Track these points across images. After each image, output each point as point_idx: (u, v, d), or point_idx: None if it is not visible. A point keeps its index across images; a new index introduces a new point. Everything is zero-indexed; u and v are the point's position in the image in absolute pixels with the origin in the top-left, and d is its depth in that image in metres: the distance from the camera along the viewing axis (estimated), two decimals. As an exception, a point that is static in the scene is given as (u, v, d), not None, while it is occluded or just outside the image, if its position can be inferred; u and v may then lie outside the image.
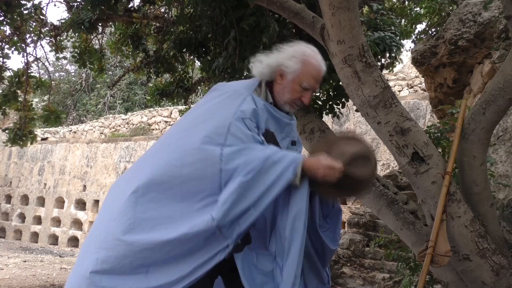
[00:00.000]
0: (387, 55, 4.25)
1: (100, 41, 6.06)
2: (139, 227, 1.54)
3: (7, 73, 6.16)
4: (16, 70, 6.18)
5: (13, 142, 6.19)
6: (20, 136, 6.14)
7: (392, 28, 4.37)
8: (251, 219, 1.57)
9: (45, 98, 15.17)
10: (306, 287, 1.81)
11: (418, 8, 6.14)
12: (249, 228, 1.60)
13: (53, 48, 5.98)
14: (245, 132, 1.63)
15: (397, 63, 5.10)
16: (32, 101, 6.51)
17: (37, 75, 6.57)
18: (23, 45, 5.95)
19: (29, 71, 6.24)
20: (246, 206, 1.56)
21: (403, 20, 5.83)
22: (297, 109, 1.86)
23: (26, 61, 6.15)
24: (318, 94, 4.67)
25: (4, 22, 5.21)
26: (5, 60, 6.04)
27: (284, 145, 1.80)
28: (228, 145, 1.59)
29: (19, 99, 6.16)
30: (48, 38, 6.02)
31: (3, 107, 6.15)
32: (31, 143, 6.49)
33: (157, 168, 1.63)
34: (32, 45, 6.11)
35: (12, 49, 5.89)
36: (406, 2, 6.06)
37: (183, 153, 1.62)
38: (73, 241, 14.88)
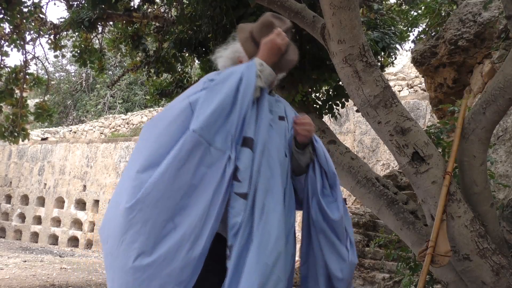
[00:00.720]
0: (386, 55, 4.26)
1: (100, 40, 6.06)
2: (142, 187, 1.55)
3: (5, 70, 6.14)
4: (13, 66, 6.16)
5: (3, 137, 6.17)
6: (12, 132, 6.11)
7: (392, 28, 4.38)
8: (235, 121, 1.60)
9: (45, 98, 15.14)
10: (328, 267, 1.78)
11: (414, 12, 6.14)
12: (241, 131, 1.62)
13: (52, 46, 5.97)
14: None
15: (394, 63, 5.10)
16: (27, 97, 6.47)
17: (36, 74, 6.53)
18: (22, 42, 5.94)
19: (27, 70, 6.23)
20: (218, 106, 1.59)
21: (399, 22, 5.84)
22: (268, 90, 1.86)
23: (24, 58, 6.14)
24: (318, 94, 4.67)
25: (4, 20, 5.20)
26: (3, 58, 6.03)
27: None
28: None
29: (15, 96, 6.15)
30: (47, 36, 6.01)
31: None
32: (23, 140, 6.48)
33: (141, 140, 1.70)
34: (31, 43, 6.11)
35: (11, 46, 5.88)
36: (403, 5, 6.07)
37: (156, 118, 1.71)
38: (73, 241, 14.89)
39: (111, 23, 5.55)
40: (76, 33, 5.48)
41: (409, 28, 6.11)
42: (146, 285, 1.49)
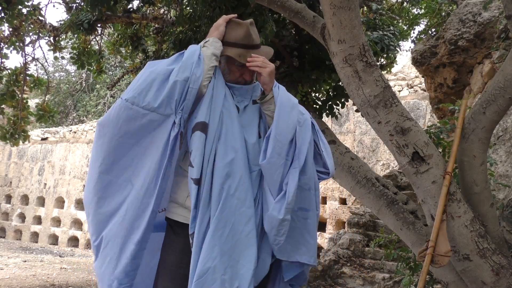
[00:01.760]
0: (385, 55, 4.26)
1: (99, 42, 6.06)
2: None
3: (5, 73, 6.14)
4: (13, 68, 6.16)
5: (4, 139, 6.22)
6: (13, 134, 6.15)
7: (391, 28, 4.37)
8: (177, 86, 1.65)
9: (45, 99, 15.14)
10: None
11: (416, 10, 6.14)
12: (184, 96, 1.66)
13: (52, 47, 5.98)
14: None
15: (396, 62, 5.10)
16: (27, 98, 6.50)
17: (36, 75, 6.54)
18: (21, 44, 5.94)
19: (27, 71, 6.23)
20: (150, 73, 1.68)
21: (400, 21, 5.84)
22: (248, 84, 1.88)
23: (24, 60, 6.14)
24: (318, 94, 4.67)
25: (3, 20, 5.20)
26: (3, 60, 6.03)
27: (241, 106, 1.82)
28: None
29: (16, 97, 6.16)
30: (46, 38, 6.01)
31: (0, 106, 6.16)
32: (23, 142, 6.53)
33: None
34: (30, 45, 6.12)
35: (11, 48, 5.88)
36: (405, 3, 6.06)
37: None
38: (73, 241, 14.88)
39: (110, 25, 5.55)
40: (75, 35, 5.47)
41: (410, 27, 6.12)
42: (114, 239, 1.65)
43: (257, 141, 1.77)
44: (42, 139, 17.08)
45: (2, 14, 5.18)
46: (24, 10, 5.37)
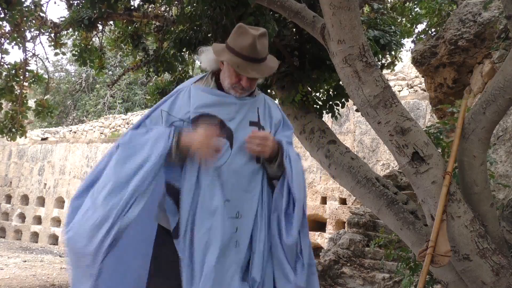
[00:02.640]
0: (387, 53, 4.26)
1: (100, 39, 6.06)
2: None
3: (5, 67, 6.12)
4: (13, 63, 6.13)
5: (2, 133, 6.20)
6: (10, 128, 6.13)
7: (392, 27, 4.38)
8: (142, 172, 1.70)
9: (45, 97, 15.12)
10: (275, 284, 1.77)
11: (418, 9, 6.15)
12: (153, 180, 1.69)
13: (52, 43, 5.95)
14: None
15: (397, 62, 5.10)
16: (27, 92, 6.46)
17: (36, 71, 6.50)
18: (22, 40, 5.93)
19: (27, 67, 6.21)
20: (136, 166, 1.72)
21: (403, 19, 5.85)
22: (245, 93, 1.85)
23: (24, 56, 6.12)
24: (318, 94, 4.67)
25: (4, 19, 5.19)
26: (4, 55, 6.00)
27: (233, 126, 1.79)
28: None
29: (16, 92, 6.14)
30: (47, 34, 6.00)
31: None
32: (20, 137, 6.50)
33: None
34: (31, 41, 6.09)
35: (12, 43, 5.85)
36: (408, 2, 6.07)
37: None
38: (73, 241, 14.87)
39: (111, 22, 5.55)
40: (76, 32, 5.46)
41: (413, 25, 6.12)
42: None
43: (253, 170, 1.78)
44: (42, 139, 17.08)
45: (2, 15, 5.18)
46: (25, 8, 5.36)
